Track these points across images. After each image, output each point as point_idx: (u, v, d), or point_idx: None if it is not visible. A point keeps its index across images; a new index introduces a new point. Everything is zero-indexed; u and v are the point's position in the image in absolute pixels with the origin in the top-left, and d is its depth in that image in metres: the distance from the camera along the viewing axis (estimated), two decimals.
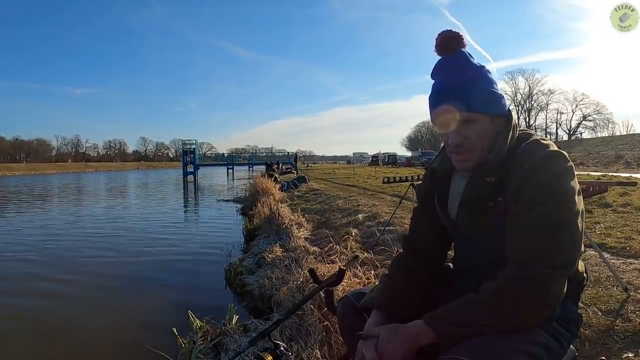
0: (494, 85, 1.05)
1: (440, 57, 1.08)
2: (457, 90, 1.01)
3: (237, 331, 2.81)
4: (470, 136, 1.02)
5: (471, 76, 1.03)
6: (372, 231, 5.15)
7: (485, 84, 1.03)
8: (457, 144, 1.03)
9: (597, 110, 60.28)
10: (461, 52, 1.06)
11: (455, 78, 1.03)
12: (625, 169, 22.14)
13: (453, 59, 1.06)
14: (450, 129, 1.03)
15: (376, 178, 15.53)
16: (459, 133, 1.02)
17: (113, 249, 6.88)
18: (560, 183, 0.92)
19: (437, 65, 1.08)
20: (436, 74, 1.08)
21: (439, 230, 1.20)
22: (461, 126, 1.02)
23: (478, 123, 1.01)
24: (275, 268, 4.08)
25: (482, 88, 1.02)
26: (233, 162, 42.15)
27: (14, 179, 41.83)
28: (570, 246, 0.92)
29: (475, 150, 1.03)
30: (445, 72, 1.06)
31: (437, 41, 1.07)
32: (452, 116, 1.02)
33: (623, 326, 2.12)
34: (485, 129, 1.02)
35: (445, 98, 1.03)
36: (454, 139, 1.02)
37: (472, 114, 1.01)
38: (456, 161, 1.07)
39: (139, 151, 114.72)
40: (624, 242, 3.83)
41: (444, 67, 1.07)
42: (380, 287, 1.19)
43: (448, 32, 1.07)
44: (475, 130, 1.01)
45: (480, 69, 1.05)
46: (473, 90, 1.01)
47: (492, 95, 1.04)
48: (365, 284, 2.75)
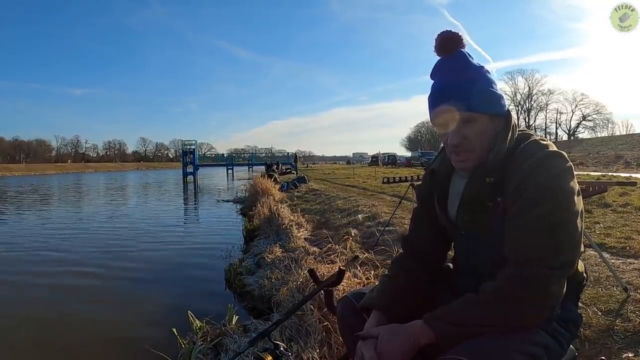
0: (493, 85, 1.05)
1: (440, 57, 1.08)
2: (456, 90, 1.01)
3: (237, 331, 2.81)
4: (469, 136, 1.02)
5: (470, 76, 1.03)
6: (371, 231, 5.15)
7: (484, 84, 1.03)
8: (456, 143, 1.02)
9: (597, 110, 60.49)
10: (460, 53, 1.06)
11: (454, 78, 1.03)
12: (625, 169, 22.15)
13: (452, 59, 1.06)
14: (449, 129, 1.03)
15: (376, 178, 15.51)
16: (459, 133, 1.02)
17: (112, 250, 6.87)
18: (559, 183, 0.92)
19: (437, 66, 1.08)
20: (435, 74, 1.08)
21: (439, 230, 1.19)
22: (460, 126, 1.02)
23: (477, 123, 1.01)
24: (275, 268, 4.08)
25: (481, 88, 1.02)
26: (233, 163, 42.10)
27: (14, 180, 41.77)
28: (570, 246, 0.92)
29: (474, 150, 1.02)
30: (444, 72, 1.06)
31: (436, 41, 1.07)
32: (452, 116, 1.02)
33: (623, 326, 2.12)
34: (485, 129, 1.02)
35: (445, 98, 1.02)
36: (454, 139, 1.02)
37: (472, 114, 1.01)
38: (455, 161, 1.07)
39: (138, 152, 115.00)
40: (624, 242, 3.83)
41: (443, 68, 1.07)
42: (380, 288, 1.19)
43: (447, 32, 1.07)
44: (475, 130, 1.01)
45: (480, 69, 1.05)
46: (472, 90, 1.01)
47: (491, 95, 1.04)
48: (365, 284, 2.75)
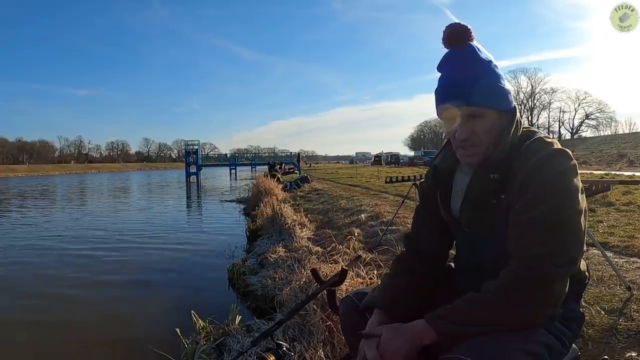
0: (501, 80, 1.03)
1: (448, 49, 1.05)
2: (464, 84, 0.99)
3: (240, 331, 2.82)
4: (477, 131, 1.00)
5: (479, 70, 1.01)
6: (374, 231, 5.15)
7: (493, 79, 1.02)
8: (464, 138, 1.01)
9: (600, 108, 60.28)
10: (469, 46, 1.03)
11: (462, 72, 1.01)
12: (628, 167, 22.04)
13: (461, 52, 1.03)
14: (456, 123, 1.02)
15: (379, 178, 15.47)
16: (466, 128, 1.00)
17: (116, 249, 6.89)
18: (564, 181, 0.92)
19: (444, 59, 1.05)
20: (443, 67, 1.05)
21: (442, 228, 1.19)
22: (468, 121, 1.00)
23: (485, 118, 1.00)
24: (278, 268, 4.09)
25: (490, 83, 1.01)
26: (235, 163, 42.09)
27: (18, 181, 41.95)
28: (574, 244, 0.92)
29: (482, 145, 1.01)
30: (452, 65, 1.03)
31: (444, 34, 1.04)
32: (459, 111, 1.00)
33: (626, 325, 2.11)
34: (493, 125, 1.01)
35: (453, 92, 1.01)
36: (462, 134, 1.01)
37: (480, 109, 0.99)
38: (462, 156, 1.06)
39: (141, 152, 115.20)
40: (627, 241, 3.82)
41: (451, 61, 1.04)
42: (382, 287, 1.18)
43: (456, 24, 1.04)
44: (483, 125, 1.00)
45: (488, 64, 1.03)
46: (481, 84, 0.99)
47: (499, 90, 1.02)
48: (367, 283, 2.75)
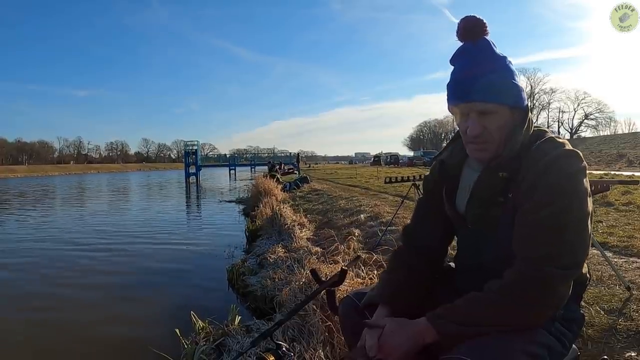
0: (515, 76, 1.02)
1: (462, 42, 1.03)
2: (478, 79, 0.98)
3: (240, 332, 2.82)
4: (489, 127, 0.99)
5: (494, 66, 1.00)
6: (374, 231, 5.14)
7: (507, 75, 1.00)
8: (476, 134, 1.00)
9: (599, 108, 60.21)
10: (484, 40, 1.01)
11: (477, 67, 0.99)
12: (628, 167, 22.07)
13: (476, 46, 1.01)
14: (469, 119, 1.00)
15: (378, 178, 15.45)
16: (479, 123, 0.99)
17: (115, 250, 6.88)
18: (572, 183, 0.91)
19: (458, 52, 1.03)
20: (456, 60, 1.04)
21: (443, 223, 1.18)
22: (481, 117, 0.99)
23: (498, 115, 0.99)
24: (278, 268, 4.08)
25: (504, 79, 1.00)
26: (235, 163, 41.98)
27: (17, 181, 41.89)
28: (580, 247, 0.91)
29: (493, 142, 1.00)
30: (466, 59, 1.01)
31: (459, 26, 1.02)
32: (472, 106, 0.99)
33: (625, 325, 2.11)
34: (505, 121, 1.00)
35: (466, 87, 0.99)
36: (474, 130, 0.99)
37: (493, 105, 0.98)
38: (473, 150, 1.04)
39: (140, 152, 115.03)
40: (627, 241, 3.82)
41: (465, 54, 1.02)
42: (380, 284, 1.18)
43: (472, 17, 1.02)
44: (495, 122, 0.99)
45: (503, 60, 1.02)
46: (495, 80, 0.98)
47: (513, 87, 1.01)
48: (367, 284, 2.74)
